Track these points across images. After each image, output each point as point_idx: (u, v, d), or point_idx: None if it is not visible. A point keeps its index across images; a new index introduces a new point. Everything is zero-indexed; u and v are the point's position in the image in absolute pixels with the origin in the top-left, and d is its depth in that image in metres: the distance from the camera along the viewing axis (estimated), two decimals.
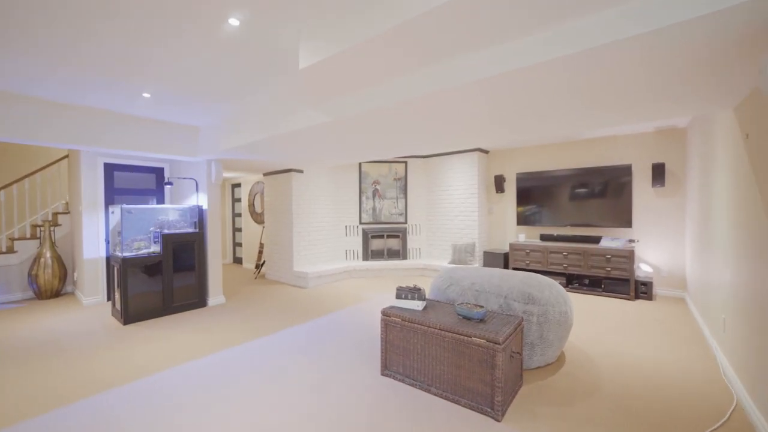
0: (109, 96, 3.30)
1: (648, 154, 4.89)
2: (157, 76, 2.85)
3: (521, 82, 2.00)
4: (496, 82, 2.01)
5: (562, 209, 5.55)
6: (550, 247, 5.33)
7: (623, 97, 2.28)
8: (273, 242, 6.39)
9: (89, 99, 3.39)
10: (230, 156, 4.45)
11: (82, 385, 2.57)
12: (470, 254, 6.10)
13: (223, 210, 8.57)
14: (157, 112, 3.87)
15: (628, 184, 4.89)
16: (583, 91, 2.17)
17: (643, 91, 2.16)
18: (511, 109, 2.56)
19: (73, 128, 3.55)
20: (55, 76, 2.84)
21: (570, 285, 5.19)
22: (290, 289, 5.60)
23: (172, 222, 4.43)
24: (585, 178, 5.31)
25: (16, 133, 3.27)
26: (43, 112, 3.39)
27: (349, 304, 4.62)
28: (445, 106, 2.48)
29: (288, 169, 5.97)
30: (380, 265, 6.40)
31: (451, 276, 3.09)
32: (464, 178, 6.35)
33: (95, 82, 2.97)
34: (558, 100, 2.36)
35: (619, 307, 4.29)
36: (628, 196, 4.90)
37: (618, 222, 5.00)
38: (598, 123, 3.07)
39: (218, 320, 4.03)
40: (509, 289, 2.74)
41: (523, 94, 2.22)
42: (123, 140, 3.88)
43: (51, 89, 3.13)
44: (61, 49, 2.38)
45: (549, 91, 2.17)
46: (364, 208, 6.78)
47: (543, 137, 5.39)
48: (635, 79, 1.95)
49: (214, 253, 4.76)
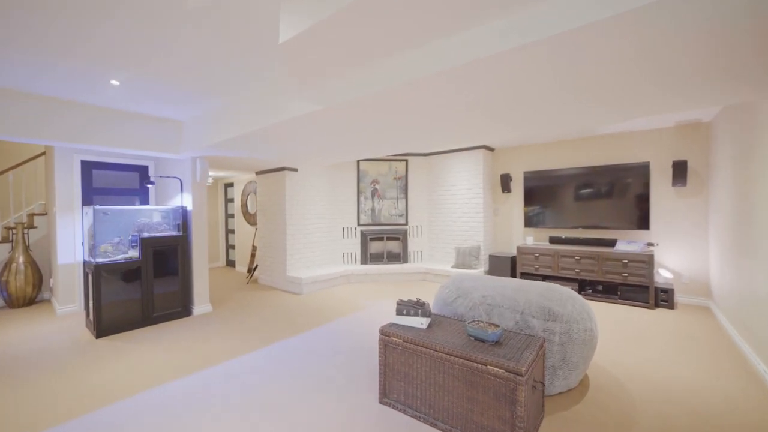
0: (73, 84, 2.94)
1: (668, 150, 4.54)
2: (124, 59, 2.50)
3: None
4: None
5: (573, 210, 5.20)
6: (561, 251, 4.98)
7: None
8: (266, 245, 6.05)
9: (51, 88, 3.03)
10: (216, 153, 4.10)
11: (26, 416, 2.22)
12: (475, 258, 5.76)
13: (216, 211, 8.23)
14: (133, 104, 3.52)
15: (646, 183, 4.54)
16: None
17: (663, 79, 1.81)
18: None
19: (33, 120, 3.19)
20: (8, 60, 2.49)
21: (583, 291, 4.84)
22: (283, 296, 5.25)
23: (152, 224, 4.08)
24: (598, 177, 4.96)
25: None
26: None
27: (345, 313, 4.27)
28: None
29: (281, 167, 5.62)
30: (379, 269, 6.05)
31: (459, 287, 2.74)
32: (468, 177, 6.00)
33: (54, 68, 2.62)
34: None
35: (638, 317, 3.94)
36: (645, 197, 4.56)
37: (634, 224, 4.65)
38: (603, 118, 2.72)
39: (201, 333, 3.68)
40: (526, 304, 2.39)
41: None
42: (95, 135, 3.52)
43: (2, 76, 2.78)
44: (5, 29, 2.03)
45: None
46: (362, 208, 6.43)
47: (551, 134, 5.04)
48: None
49: (199, 257, 4.41)
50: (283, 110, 2.67)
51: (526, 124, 2.94)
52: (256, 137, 3.26)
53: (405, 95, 2.16)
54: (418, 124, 2.86)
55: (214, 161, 5.05)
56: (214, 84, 2.94)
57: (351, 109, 2.41)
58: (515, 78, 1.87)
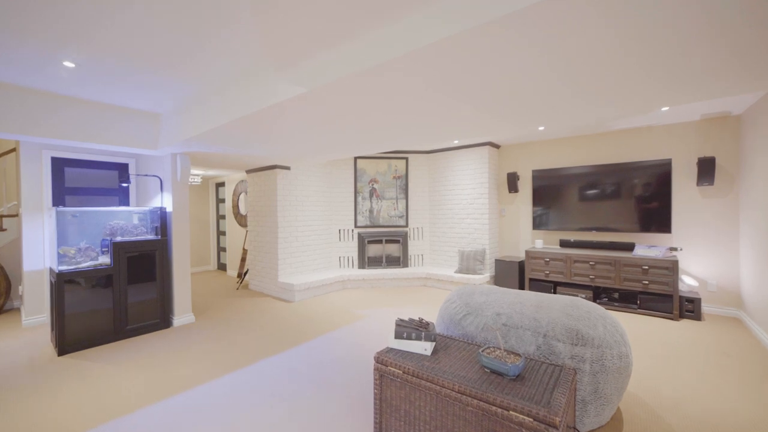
0: (24, 67, 2.57)
1: (692, 146, 4.16)
2: (79, 36, 2.12)
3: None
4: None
5: (586, 212, 4.83)
6: (574, 256, 4.60)
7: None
8: (256, 248, 5.67)
9: (3, 72, 2.66)
10: (197, 149, 3.73)
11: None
12: (480, 262, 5.38)
13: (206, 212, 7.85)
14: (100, 93, 3.14)
15: (667, 182, 4.17)
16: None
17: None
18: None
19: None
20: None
21: (598, 300, 4.46)
22: (274, 304, 4.88)
23: (127, 228, 3.70)
24: (613, 175, 4.58)
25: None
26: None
27: (339, 324, 3.89)
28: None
29: (272, 165, 5.24)
30: (378, 274, 5.67)
31: (468, 303, 2.36)
32: (473, 176, 5.62)
33: (5, 48, 2.24)
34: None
35: (663, 330, 3.57)
36: (666, 197, 4.18)
37: (654, 226, 4.27)
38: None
39: (180, 347, 3.31)
40: (550, 324, 2.01)
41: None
42: (57, 128, 3.14)
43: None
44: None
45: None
46: (359, 209, 6.06)
47: (560, 129, 4.67)
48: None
49: (181, 263, 4.03)
50: (264, 95, 2.30)
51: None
52: (236, 129, 2.88)
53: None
54: (408, 111, 2.49)
55: (199, 159, 4.67)
56: (189, 69, 2.57)
57: (339, 93, 2.04)
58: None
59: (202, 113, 2.96)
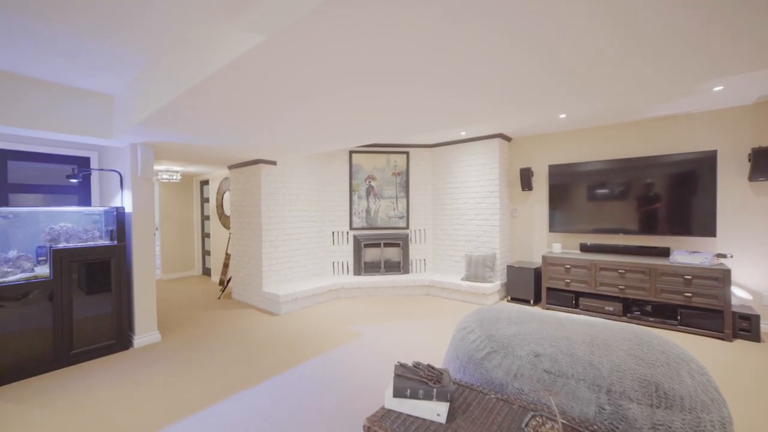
0: None
1: (744, 135, 3.56)
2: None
3: None
4: None
5: (612, 212, 4.23)
6: (600, 263, 4.01)
7: None
8: (239, 253, 5.07)
9: None
10: (157, 137, 3.13)
11: None
12: (489, 268, 4.79)
13: (190, 212, 7.25)
14: (46, 69, 2.54)
15: (711, 177, 3.57)
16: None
17: None
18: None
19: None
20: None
21: (629, 313, 3.86)
22: (257, 317, 4.28)
23: (75, 232, 3.11)
24: (645, 170, 3.99)
25: None
26: None
27: (330, 345, 3.29)
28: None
29: (256, 160, 4.64)
30: (375, 282, 5.07)
31: (492, 335, 1.76)
32: (482, 172, 5.02)
33: None
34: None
35: (718, 353, 2.97)
36: (710, 195, 3.58)
37: (695, 229, 3.68)
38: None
39: (136, 379, 2.71)
40: (614, 372, 1.41)
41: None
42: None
43: None
44: None
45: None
46: (355, 209, 5.46)
47: (582, 118, 4.07)
48: None
49: (143, 272, 3.43)
50: (214, 55, 1.70)
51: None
52: (189, 106, 2.28)
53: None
54: (411, 74, 1.89)
55: (168, 151, 4.07)
56: (138, 33, 1.97)
57: (305, 42, 1.44)
58: None
59: (153, 89, 2.36)
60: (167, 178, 5.76)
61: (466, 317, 2.05)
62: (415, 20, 1.29)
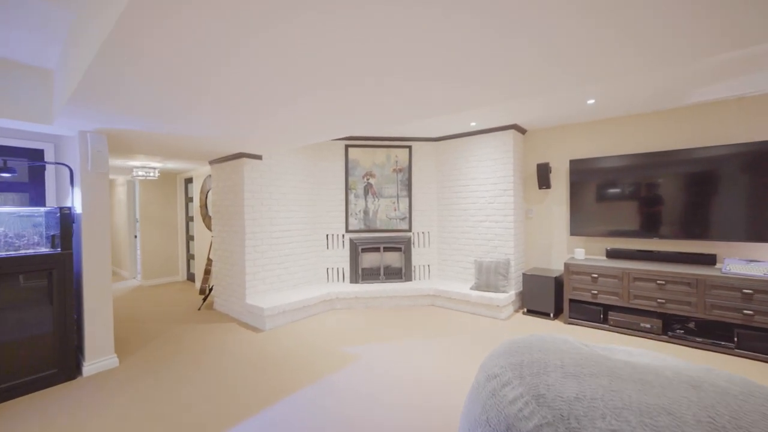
0: None
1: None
2: None
3: None
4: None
5: (644, 213, 3.68)
6: (634, 272, 3.45)
7: None
8: (221, 259, 4.51)
9: None
10: (106, 122, 2.57)
11: None
12: (503, 276, 4.23)
13: (173, 212, 6.69)
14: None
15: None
16: None
17: None
18: None
19: None
20: None
21: (669, 332, 3.31)
22: (238, 333, 3.72)
23: (6, 238, 2.55)
24: (687, 165, 3.43)
25: None
26: None
27: (322, 370, 2.74)
28: None
29: (238, 153, 4.09)
30: (374, 291, 4.52)
31: (542, 393, 1.19)
32: (494, 168, 4.46)
33: None
34: None
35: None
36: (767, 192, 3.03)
37: (750, 234, 3.12)
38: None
39: (81, 418, 2.15)
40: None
41: None
42: None
43: None
44: None
45: None
46: (352, 210, 4.90)
47: (612, 105, 3.52)
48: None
49: (96, 285, 2.88)
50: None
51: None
52: (120, 66, 1.72)
53: None
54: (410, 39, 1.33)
55: (136, 143, 3.51)
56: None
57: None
58: None
59: (79, 52, 1.80)
60: (144, 175, 5.21)
61: (494, 357, 1.49)
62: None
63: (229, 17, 1.22)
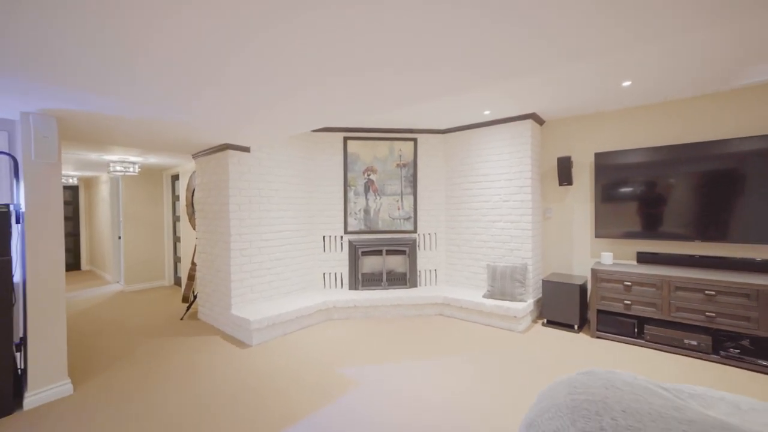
0: None
1: None
2: None
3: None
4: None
5: (683, 212, 3.22)
6: (675, 280, 2.99)
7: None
8: (206, 263, 4.04)
9: None
10: (53, 102, 2.10)
11: None
12: (520, 283, 3.76)
13: (160, 212, 6.22)
14: None
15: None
16: None
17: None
18: None
19: None
20: None
21: (722, 351, 2.83)
22: (222, 349, 3.25)
23: None
24: (733, 159, 2.97)
25: None
26: None
27: (314, 403, 2.26)
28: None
29: (223, 145, 3.62)
30: (375, 299, 4.04)
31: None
32: (509, 162, 3.99)
33: None
34: None
35: None
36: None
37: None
38: None
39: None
40: None
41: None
42: None
43: None
44: None
45: None
46: (351, 209, 4.43)
47: (651, 89, 3.05)
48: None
49: (43, 297, 2.40)
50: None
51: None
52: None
53: None
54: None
55: (98, 129, 3.03)
56: None
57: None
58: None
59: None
60: (122, 171, 4.74)
61: (551, 413, 1.03)
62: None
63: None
